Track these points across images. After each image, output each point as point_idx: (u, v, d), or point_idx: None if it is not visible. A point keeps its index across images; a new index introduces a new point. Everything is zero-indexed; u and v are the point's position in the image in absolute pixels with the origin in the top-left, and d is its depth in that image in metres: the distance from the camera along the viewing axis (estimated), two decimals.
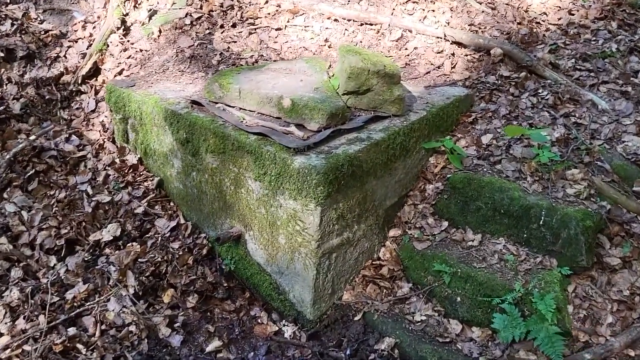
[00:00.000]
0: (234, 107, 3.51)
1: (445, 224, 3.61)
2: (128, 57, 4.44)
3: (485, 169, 3.63)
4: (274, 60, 4.24)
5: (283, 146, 3.06)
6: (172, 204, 3.92)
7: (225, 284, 3.58)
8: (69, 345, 2.96)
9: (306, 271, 3.17)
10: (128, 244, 3.57)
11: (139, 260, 3.47)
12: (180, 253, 3.57)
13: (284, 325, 3.39)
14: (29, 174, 3.68)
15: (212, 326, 3.37)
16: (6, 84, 4.11)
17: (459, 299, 3.24)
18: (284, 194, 3.07)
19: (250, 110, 3.48)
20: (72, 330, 3.02)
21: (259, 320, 3.43)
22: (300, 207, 3.01)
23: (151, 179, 3.95)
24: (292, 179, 2.97)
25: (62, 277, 3.28)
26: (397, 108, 3.52)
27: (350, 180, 3.09)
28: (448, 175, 3.67)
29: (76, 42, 4.56)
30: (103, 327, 3.12)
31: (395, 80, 3.46)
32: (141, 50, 4.49)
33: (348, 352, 3.21)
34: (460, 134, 3.94)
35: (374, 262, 3.60)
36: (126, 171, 3.97)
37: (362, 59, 3.42)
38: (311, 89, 3.46)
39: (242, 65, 4.19)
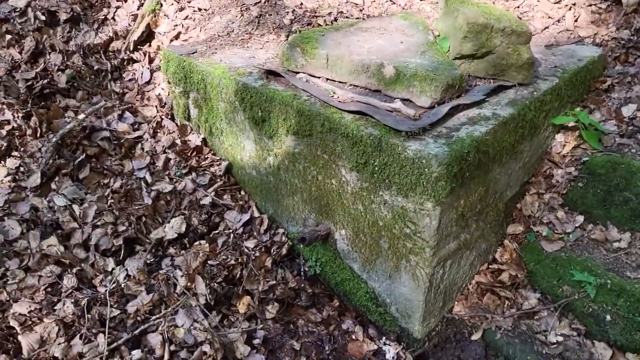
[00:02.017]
0: (319, 77, 2.86)
1: (580, 218, 2.91)
2: (185, 18, 3.81)
3: (634, 150, 2.88)
4: (362, 19, 3.53)
5: (390, 128, 2.40)
6: (243, 193, 3.34)
7: (310, 290, 3.01)
8: None
9: (415, 282, 2.55)
10: (195, 243, 3.03)
11: (209, 262, 2.92)
12: (257, 254, 3.00)
13: (385, 343, 2.80)
14: (79, 159, 3.15)
15: (297, 342, 2.82)
16: (49, 53, 3.56)
17: (608, 317, 2.57)
18: (390, 189, 2.43)
19: (341, 82, 2.82)
20: (137, 354, 2.51)
21: (353, 336, 2.85)
22: (413, 206, 2.36)
23: (218, 163, 3.36)
24: (404, 172, 2.32)
25: (122, 285, 2.77)
26: (525, 75, 2.79)
27: (475, 170, 2.42)
28: (584, 159, 2.94)
29: (125, 1, 3.96)
30: (172, 347, 2.60)
31: (523, 39, 2.72)
32: (200, 10, 3.85)
33: None
34: (593, 105, 3.17)
35: (490, 266, 2.95)
36: (189, 154, 3.39)
37: (482, 12, 2.69)
38: (416, 52, 2.76)
39: (319, 24, 3.51)
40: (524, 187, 3.01)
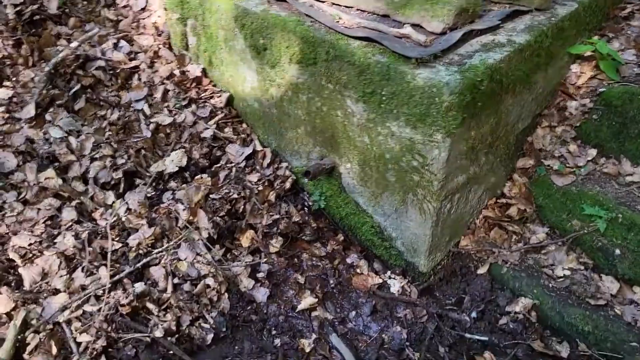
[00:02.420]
0: (324, 1, 2.70)
1: (593, 152, 2.82)
2: None
3: None
4: None
5: (399, 55, 2.27)
6: (244, 125, 3.24)
7: (314, 224, 2.96)
8: (137, 304, 2.44)
9: (422, 216, 2.50)
10: (197, 177, 2.95)
11: (211, 196, 2.86)
12: (260, 188, 2.93)
13: (390, 277, 2.78)
14: (73, 89, 3.03)
15: (301, 276, 2.79)
16: None
17: (618, 251, 2.52)
18: (398, 120, 2.33)
19: (347, 6, 2.66)
20: (139, 286, 2.48)
21: (358, 270, 2.82)
22: (422, 137, 2.27)
23: (219, 95, 3.25)
24: (413, 101, 2.21)
25: (123, 219, 2.71)
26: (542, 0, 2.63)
27: (487, 101, 2.31)
28: (600, 90, 2.82)
29: None
30: (175, 280, 2.58)
31: None
32: None
33: (474, 314, 2.59)
34: (611, 34, 3.02)
35: (498, 200, 2.88)
36: (188, 85, 3.27)
37: None
38: None
39: None
40: (535, 119, 2.91)
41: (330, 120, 2.67)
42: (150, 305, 2.46)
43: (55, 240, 2.59)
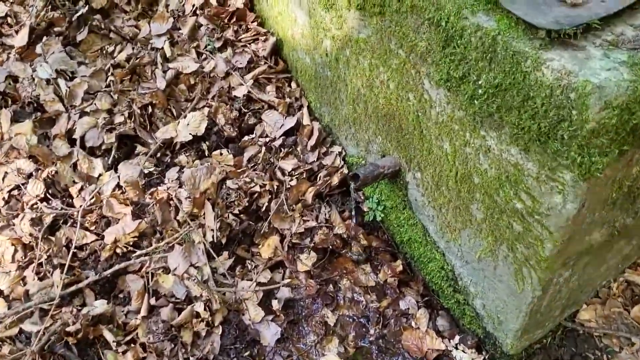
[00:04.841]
0: None
1: None
2: None
3: None
4: None
5: (517, 20, 1.23)
6: (294, 86, 2.35)
7: (364, 241, 2.09)
8: (88, 332, 1.78)
9: (519, 284, 1.53)
10: (215, 152, 2.17)
11: (227, 183, 2.07)
12: (295, 180, 2.09)
13: (457, 346, 1.87)
14: (79, 13, 2.30)
15: (332, 314, 1.98)
16: None
17: None
18: (500, 130, 1.33)
19: None
20: (100, 305, 1.81)
21: (413, 322, 1.94)
22: (536, 168, 1.27)
23: (264, 38, 2.36)
24: (530, 107, 1.20)
25: (103, 200, 2.02)
26: None
27: None
28: None
29: None
30: (153, 300, 1.88)
31: None
32: None
33: None
34: None
35: None
36: (226, 21, 2.41)
37: None
38: None
39: None
40: None
41: (398, 105, 1.71)
42: (107, 336, 1.78)
43: (13, 222, 1.97)
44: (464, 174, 1.54)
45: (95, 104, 2.15)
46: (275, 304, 1.97)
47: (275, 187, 2.06)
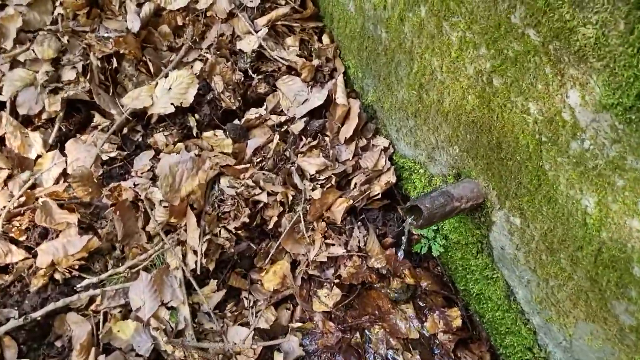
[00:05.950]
0: None
1: None
2: None
3: None
4: None
5: None
6: (326, 40, 1.63)
7: (411, 279, 1.48)
8: None
9: None
10: (207, 132, 1.51)
11: (222, 183, 1.43)
12: (316, 189, 1.44)
13: None
14: None
15: None
16: None
17: None
18: None
19: None
20: None
21: None
22: None
23: None
24: None
25: (39, 199, 1.39)
26: None
27: None
28: None
29: None
30: (102, 358, 1.30)
31: None
32: None
33: None
34: None
35: None
36: None
37: None
38: None
39: None
40: None
41: (503, 113, 1.03)
42: None
43: None
44: (614, 257, 0.90)
45: (33, 49, 1.46)
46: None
47: (291, 197, 1.42)
